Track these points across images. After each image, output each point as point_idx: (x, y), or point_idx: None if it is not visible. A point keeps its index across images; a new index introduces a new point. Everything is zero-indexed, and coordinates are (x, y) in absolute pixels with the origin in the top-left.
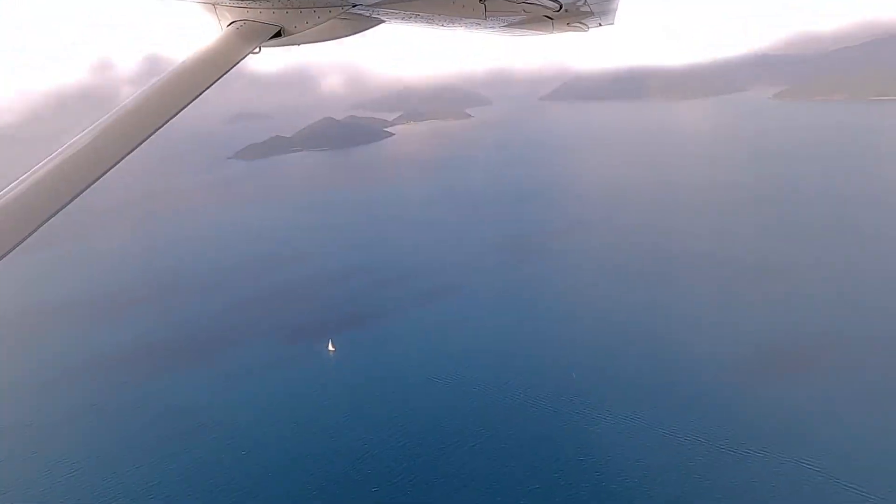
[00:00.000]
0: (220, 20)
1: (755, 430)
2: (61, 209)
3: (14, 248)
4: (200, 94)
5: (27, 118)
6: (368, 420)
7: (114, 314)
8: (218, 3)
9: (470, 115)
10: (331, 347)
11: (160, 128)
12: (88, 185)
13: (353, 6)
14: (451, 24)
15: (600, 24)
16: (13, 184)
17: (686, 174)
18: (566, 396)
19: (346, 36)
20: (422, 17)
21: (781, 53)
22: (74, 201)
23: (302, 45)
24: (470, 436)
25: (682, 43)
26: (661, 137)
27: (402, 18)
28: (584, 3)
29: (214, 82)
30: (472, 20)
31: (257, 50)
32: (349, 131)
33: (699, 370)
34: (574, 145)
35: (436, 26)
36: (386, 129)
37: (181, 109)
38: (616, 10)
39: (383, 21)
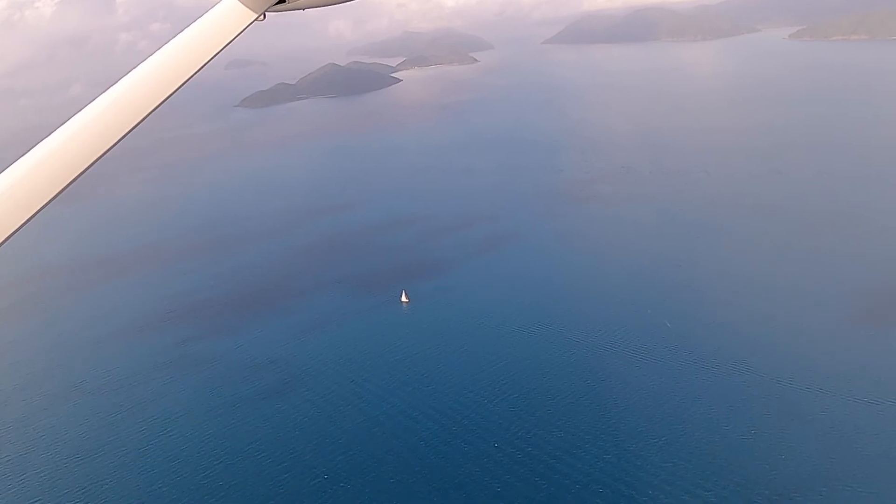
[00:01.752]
0: None
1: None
2: (76, 179)
3: (38, 212)
4: (206, 63)
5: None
6: (464, 375)
7: (166, 267)
8: None
9: (476, 60)
10: (404, 299)
11: (168, 98)
12: (102, 155)
13: None
14: None
15: None
16: (31, 152)
17: (714, 118)
18: (667, 347)
19: (352, 0)
20: None
21: None
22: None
23: (307, 10)
24: (579, 392)
25: None
26: (681, 79)
27: None
28: None
29: (220, 52)
30: None
31: (262, 17)
32: (355, 77)
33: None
34: (588, 89)
35: None
36: (392, 76)
37: (188, 79)
38: None
39: None
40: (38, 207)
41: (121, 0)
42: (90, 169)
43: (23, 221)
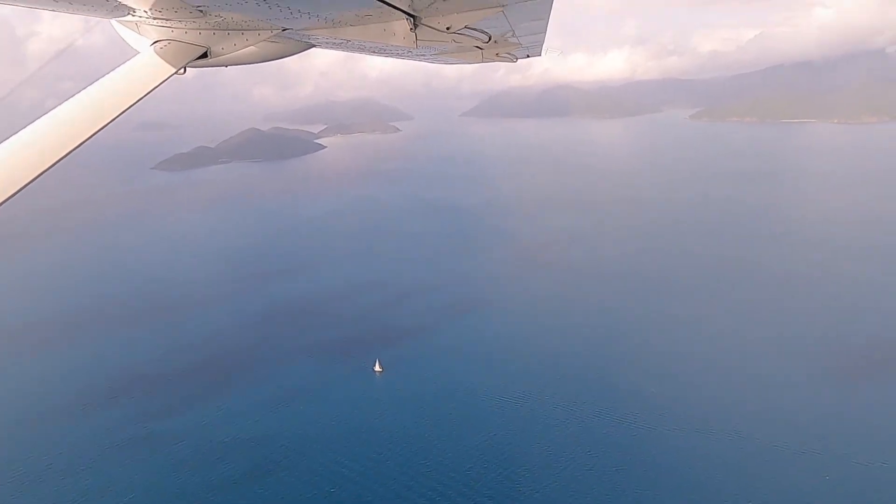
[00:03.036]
0: (143, 39)
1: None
2: None
3: None
4: (120, 115)
5: None
6: (448, 446)
7: (103, 334)
8: (141, 22)
9: (398, 129)
10: (378, 367)
11: (77, 148)
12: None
13: (283, 30)
14: (382, 52)
15: (528, 55)
16: None
17: (644, 191)
18: (645, 411)
19: (276, 59)
20: (353, 44)
21: (689, 78)
22: None
23: (230, 67)
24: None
25: (598, 65)
26: (592, 153)
27: (333, 44)
28: (513, 35)
29: (135, 103)
30: (402, 48)
31: (182, 71)
32: (277, 143)
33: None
34: (509, 160)
35: (367, 52)
36: (316, 142)
37: (99, 130)
38: (543, 42)
39: (313, 45)
40: None
41: (32, 51)
42: None
43: None
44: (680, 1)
